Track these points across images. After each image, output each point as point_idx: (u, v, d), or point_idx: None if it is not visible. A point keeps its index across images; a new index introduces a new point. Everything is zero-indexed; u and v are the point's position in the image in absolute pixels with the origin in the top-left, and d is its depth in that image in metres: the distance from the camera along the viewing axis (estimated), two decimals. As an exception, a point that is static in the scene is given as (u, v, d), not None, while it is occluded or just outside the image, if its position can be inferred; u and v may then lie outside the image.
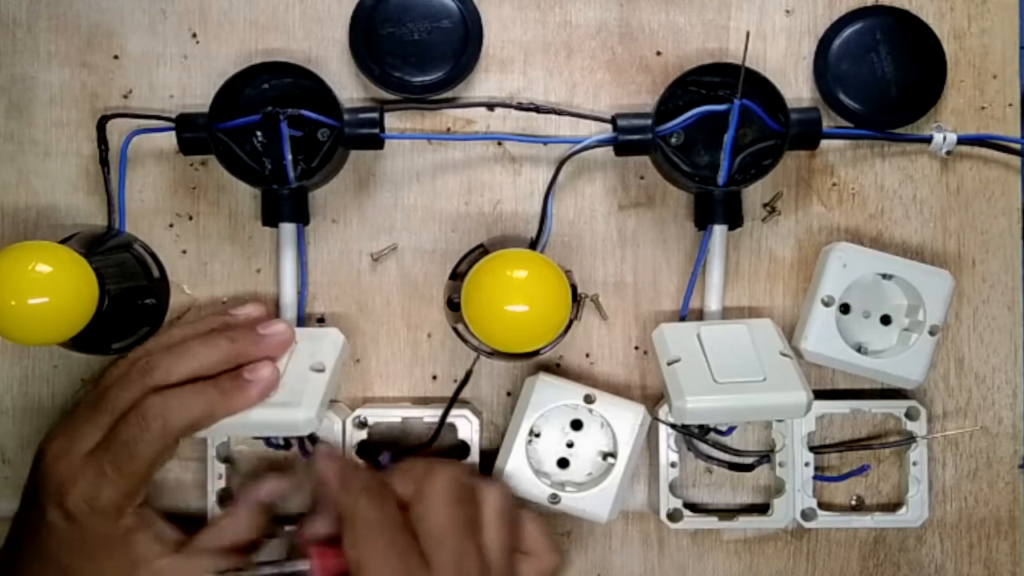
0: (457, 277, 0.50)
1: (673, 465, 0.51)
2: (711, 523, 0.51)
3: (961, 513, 0.53)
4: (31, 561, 0.44)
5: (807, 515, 0.51)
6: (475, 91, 0.53)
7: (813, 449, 0.51)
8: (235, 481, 0.51)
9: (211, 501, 0.50)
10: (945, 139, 0.51)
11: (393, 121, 0.52)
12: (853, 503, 0.53)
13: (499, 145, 0.52)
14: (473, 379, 0.51)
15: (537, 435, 0.50)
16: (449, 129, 0.52)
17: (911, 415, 0.51)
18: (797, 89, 0.52)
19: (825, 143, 0.51)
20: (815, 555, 0.53)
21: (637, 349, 0.53)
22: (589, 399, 0.49)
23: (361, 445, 0.50)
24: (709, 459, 0.52)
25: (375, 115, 0.49)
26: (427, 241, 0.52)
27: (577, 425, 0.50)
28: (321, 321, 0.52)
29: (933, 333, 0.49)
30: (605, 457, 0.49)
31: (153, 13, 0.52)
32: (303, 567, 0.43)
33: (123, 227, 0.52)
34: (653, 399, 0.52)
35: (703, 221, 0.51)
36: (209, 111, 0.48)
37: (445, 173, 0.53)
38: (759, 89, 0.49)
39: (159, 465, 0.44)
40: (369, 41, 0.51)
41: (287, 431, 0.46)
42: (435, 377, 0.53)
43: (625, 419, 0.49)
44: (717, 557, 0.53)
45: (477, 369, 0.51)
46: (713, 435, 0.51)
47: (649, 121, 0.49)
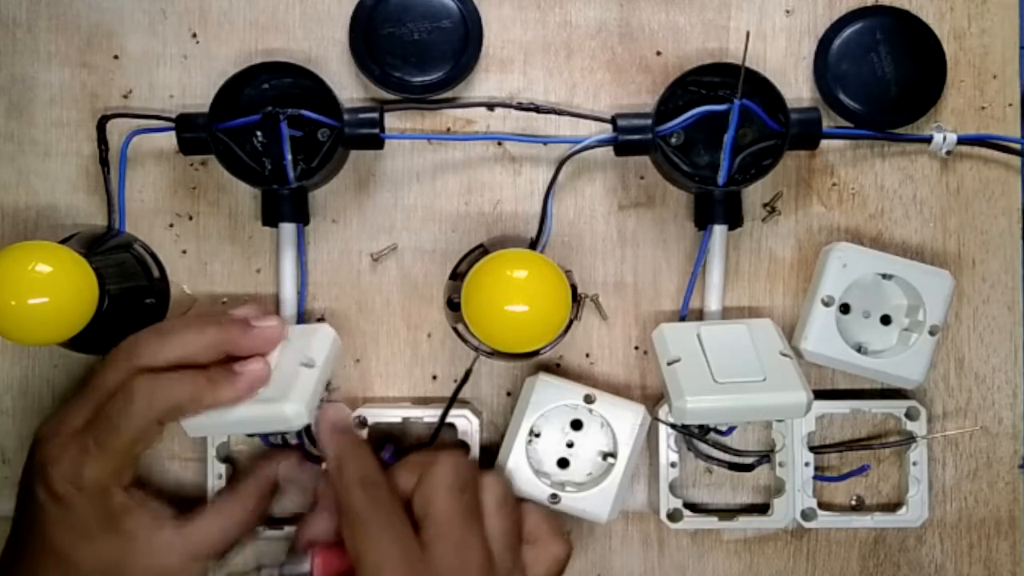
0: (457, 277, 0.50)
1: (673, 465, 0.51)
2: (711, 523, 0.51)
3: (961, 513, 0.53)
4: (31, 551, 0.44)
5: (807, 515, 0.51)
6: (475, 91, 0.53)
7: (813, 449, 0.51)
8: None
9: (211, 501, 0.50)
10: (945, 139, 0.51)
11: (393, 121, 0.52)
12: (853, 503, 0.53)
13: (499, 145, 0.52)
14: (473, 379, 0.51)
15: (537, 435, 0.50)
16: (449, 129, 0.52)
17: (911, 415, 0.51)
18: (797, 89, 0.52)
19: (825, 143, 0.51)
20: (815, 555, 0.53)
21: (637, 349, 0.53)
22: (589, 399, 0.49)
23: (361, 445, 0.50)
24: (709, 459, 0.52)
25: (375, 115, 0.49)
26: (427, 241, 0.52)
27: (577, 425, 0.50)
28: (321, 321, 0.52)
29: (933, 333, 0.49)
30: (605, 457, 0.49)
31: (153, 13, 0.52)
32: (304, 568, 0.43)
33: (123, 227, 0.52)
34: (653, 399, 0.52)
35: (703, 221, 0.51)
36: (209, 111, 0.48)
37: (445, 173, 0.53)
38: (759, 89, 0.49)
39: (143, 444, 0.44)
40: (369, 41, 0.51)
41: (277, 426, 0.45)
42: (435, 377, 0.53)
43: (625, 419, 0.49)
44: (717, 557, 0.53)
45: (477, 369, 0.51)
46: (713, 435, 0.51)
47: (649, 121, 0.49)
